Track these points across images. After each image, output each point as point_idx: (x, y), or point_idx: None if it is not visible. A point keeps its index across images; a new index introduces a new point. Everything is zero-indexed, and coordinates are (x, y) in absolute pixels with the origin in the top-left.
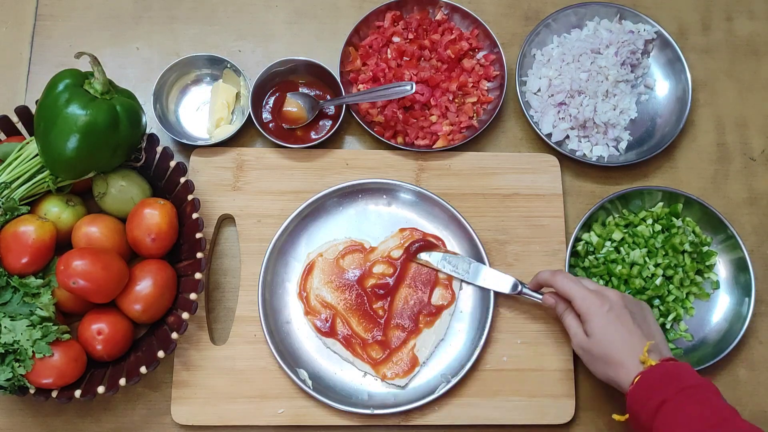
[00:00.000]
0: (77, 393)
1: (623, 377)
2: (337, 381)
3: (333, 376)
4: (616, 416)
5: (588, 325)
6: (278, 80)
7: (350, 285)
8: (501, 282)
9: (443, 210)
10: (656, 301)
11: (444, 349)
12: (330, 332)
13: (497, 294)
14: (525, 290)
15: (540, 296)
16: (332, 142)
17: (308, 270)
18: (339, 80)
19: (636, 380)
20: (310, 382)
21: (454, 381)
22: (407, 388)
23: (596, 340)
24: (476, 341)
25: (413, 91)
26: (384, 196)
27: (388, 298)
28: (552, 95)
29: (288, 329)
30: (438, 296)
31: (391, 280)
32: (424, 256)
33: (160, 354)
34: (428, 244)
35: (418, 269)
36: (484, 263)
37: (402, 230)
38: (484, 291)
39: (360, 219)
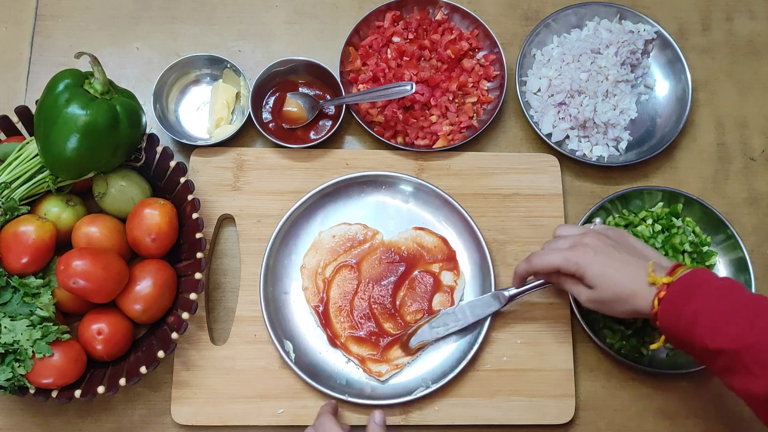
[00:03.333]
0: (77, 393)
1: (642, 304)
2: (320, 360)
3: (317, 355)
4: (653, 345)
5: (586, 279)
6: (278, 80)
7: (352, 273)
8: (487, 305)
9: (454, 211)
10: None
11: (431, 353)
12: (324, 316)
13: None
14: (513, 293)
15: (530, 285)
16: (332, 142)
17: (314, 246)
18: (339, 80)
19: (659, 300)
20: (293, 356)
21: (434, 387)
22: (387, 384)
23: (600, 287)
24: (466, 351)
25: (413, 91)
26: (404, 192)
27: (389, 295)
28: (552, 95)
29: (284, 300)
30: (437, 302)
31: (394, 278)
32: (414, 341)
33: (160, 354)
34: (413, 328)
35: (421, 275)
36: (488, 265)
37: (416, 228)
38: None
39: (378, 210)
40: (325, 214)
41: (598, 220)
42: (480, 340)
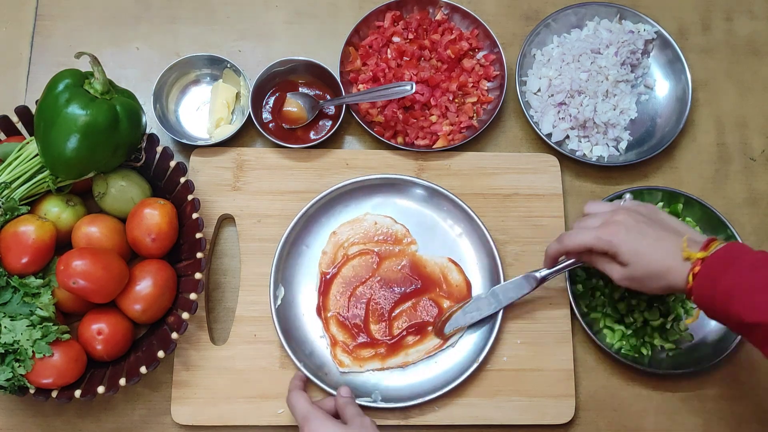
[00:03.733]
0: (77, 393)
1: (677, 280)
2: (298, 322)
3: (299, 315)
4: (688, 320)
5: (619, 257)
6: (278, 80)
7: (372, 264)
8: (519, 288)
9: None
10: (656, 301)
11: (429, 365)
12: (325, 285)
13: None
14: (545, 275)
15: (562, 264)
16: (332, 142)
17: (355, 222)
18: (339, 80)
19: (694, 276)
20: (279, 303)
21: (381, 404)
22: (344, 377)
23: (634, 264)
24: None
25: (413, 91)
26: (456, 228)
27: (390, 301)
28: (552, 95)
29: (301, 251)
30: (430, 336)
31: (404, 290)
32: (449, 328)
33: (160, 354)
34: (446, 314)
35: (429, 303)
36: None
37: (450, 260)
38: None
39: (429, 225)
40: (382, 200)
41: (628, 195)
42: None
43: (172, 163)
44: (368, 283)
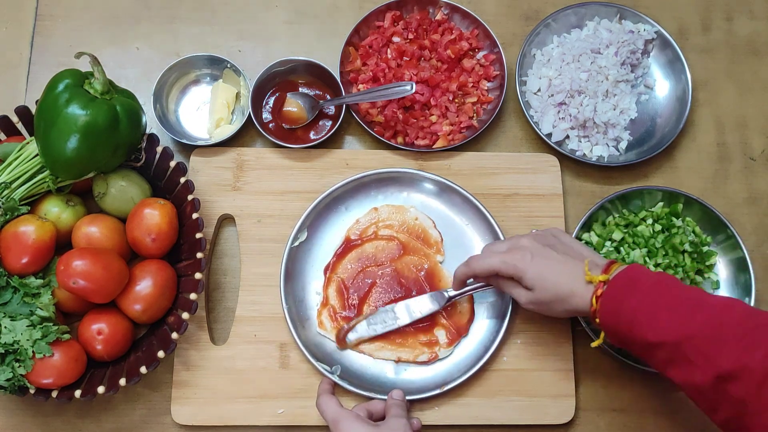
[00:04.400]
0: (77, 393)
1: (581, 303)
2: (303, 287)
3: (304, 285)
4: (594, 343)
5: (524, 281)
6: (278, 80)
7: (386, 256)
8: (425, 305)
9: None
10: None
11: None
12: (337, 258)
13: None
14: (452, 295)
15: (469, 287)
16: (332, 142)
17: (373, 212)
18: (339, 80)
19: (597, 298)
20: (296, 243)
21: (378, 395)
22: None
23: (539, 289)
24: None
25: (413, 91)
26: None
27: (387, 299)
28: (552, 95)
29: (339, 210)
30: (416, 343)
31: (403, 294)
32: (352, 336)
33: (160, 354)
34: (350, 325)
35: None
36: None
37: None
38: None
39: (463, 240)
40: (426, 200)
41: (534, 231)
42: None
43: (172, 163)
44: (382, 268)
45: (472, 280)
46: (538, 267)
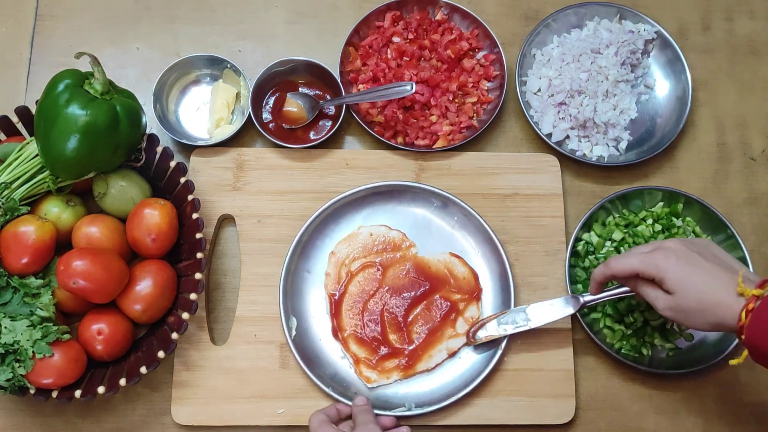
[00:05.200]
0: (77, 393)
1: (727, 315)
2: (316, 347)
3: (317, 341)
4: (733, 361)
5: (665, 283)
6: (278, 80)
7: (377, 275)
8: (559, 309)
9: (490, 245)
10: None
11: (426, 378)
12: (336, 306)
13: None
14: (588, 300)
15: (608, 292)
16: (332, 142)
17: (350, 237)
18: (339, 80)
19: (749, 311)
20: (294, 333)
21: (415, 411)
22: (372, 392)
23: (682, 293)
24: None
25: (413, 91)
26: (453, 217)
27: (403, 308)
28: (552, 95)
29: (305, 277)
30: (448, 332)
31: (414, 294)
32: (481, 334)
33: (161, 354)
34: (480, 322)
35: (441, 300)
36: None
37: (452, 254)
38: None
39: (423, 224)
40: (372, 211)
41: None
42: (491, 365)
43: (172, 163)
44: (377, 295)
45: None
46: (682, 270)
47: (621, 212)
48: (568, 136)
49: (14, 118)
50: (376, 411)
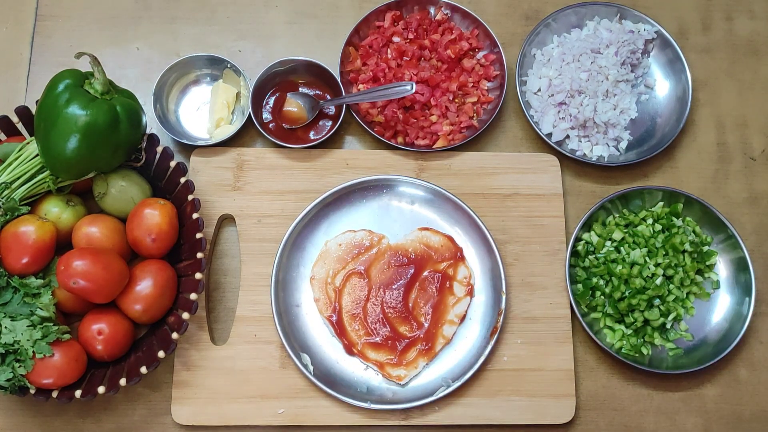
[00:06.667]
0: (77, 393)
1: None
2: (338, 370)
3: (335, 365)
4: None
5: None
6: (278, 80)
7: (362, 280)
8: None
9: (460, 210)
10: (656, 301)
11: (449, 352)
12: (338, 325)
13: (507, 299)
14: None
15: None
16: (332, 142)
17: (322, 256)
18: (339, 80)
19: None
20: (311, 368)
21: (455, 385)
22: (407, 387)
23: None
24: (482, 348)
25: (413, 91)
26: (407, 194)
27: (400, 298)
28: (552, 95)
29: (297, 313)
30: (452, 299)
31: (404, 281)
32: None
33: (161, 354)
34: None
35: (431, 274)
36: (498, 263)
37: (421, 229)
38: (495, 299)
39: (381, 214)
40: (329, 222)
41: None
42: (490, 345)
43: (173, 163)
44: (371, 297)
45: None
46: None
47: (621, 212)
48: (568, 136)
49: (14, 118)
50: (420, 402)
